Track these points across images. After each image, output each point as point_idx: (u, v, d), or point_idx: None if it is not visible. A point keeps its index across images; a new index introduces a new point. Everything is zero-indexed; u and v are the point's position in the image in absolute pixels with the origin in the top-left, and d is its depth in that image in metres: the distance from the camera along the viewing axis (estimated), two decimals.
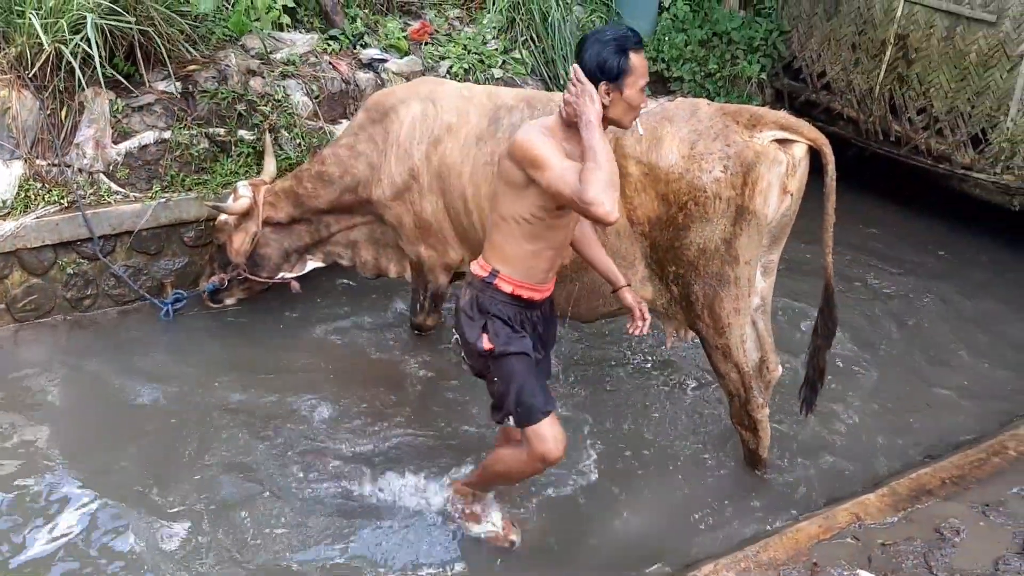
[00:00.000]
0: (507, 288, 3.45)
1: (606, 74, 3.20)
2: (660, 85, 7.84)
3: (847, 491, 4.30)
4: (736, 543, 3.89)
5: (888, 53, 7.45)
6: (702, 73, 7.89)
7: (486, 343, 3.47)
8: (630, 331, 3.73)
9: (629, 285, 3.81)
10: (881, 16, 7.48)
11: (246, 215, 5.18)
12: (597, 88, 3.20)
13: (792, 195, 3.88)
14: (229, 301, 5.47)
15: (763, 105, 7.53)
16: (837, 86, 7.93)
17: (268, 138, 5.64)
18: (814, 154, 3.94)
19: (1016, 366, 5.53)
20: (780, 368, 4.33)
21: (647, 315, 3.71)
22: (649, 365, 5.38)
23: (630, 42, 3.22)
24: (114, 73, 5.42)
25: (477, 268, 3.53)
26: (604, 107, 3.23)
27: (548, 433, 3.47)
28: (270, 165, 5.47)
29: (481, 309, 3.49)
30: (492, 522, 3.98)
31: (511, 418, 3.51)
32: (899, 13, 7.33)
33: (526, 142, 3.23)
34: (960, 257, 6.98)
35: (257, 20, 6.18)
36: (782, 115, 3.95)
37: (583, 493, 4.31)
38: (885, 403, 5.13)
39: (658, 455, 4.58)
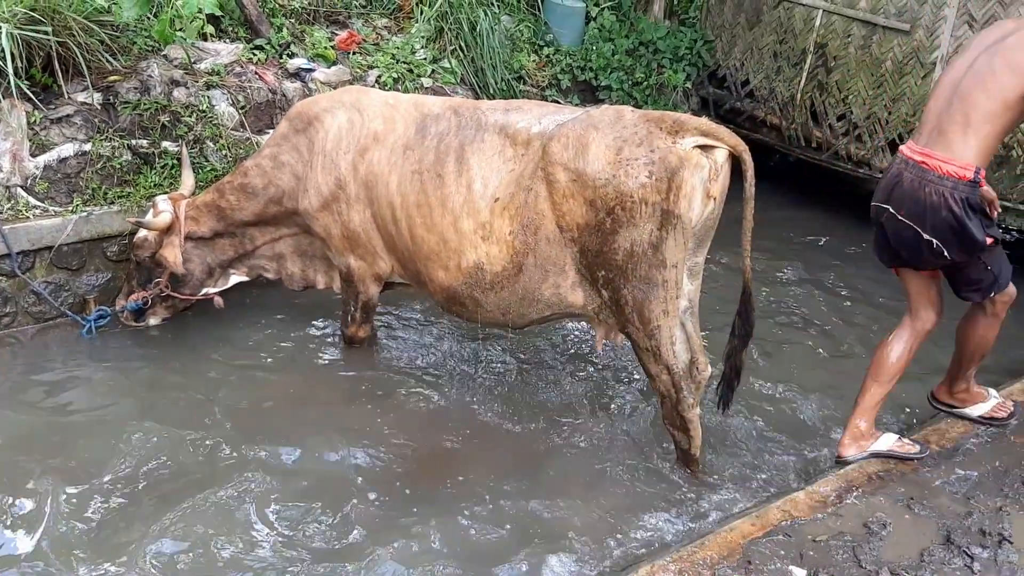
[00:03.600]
0: (982, 185, 3.85)
1: None
2: (589, 94, 7.93)
3: (777, 488, 4.39)
4: (672, 543, 3.93)
5: (808, 61, 7.65)
6: (629, 82, 8.00)
7: (988, 239, 3.93)
8: None
9: None
10: (801, 26, 7.67)
11: (168, 230, 5.07)
12: None
13: (715, 199, 3.94)
14: (152, 321, 5.32)
15: (689, 113, 7.67)
16: (760, 94, 8.10)
17: (186, 151, 5.55)
18: (735, 160, 4.01)
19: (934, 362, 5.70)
20: (710, 368, 4.39)
21: None
22: (580, 367, 5.42)
23: None
24: (29, 86, 5.28)
25: (953, 168, 3.81)
26: None
27: (1012, 287, 4.22)
28: (188, 179, 5.37)
29: (973, 207, 3.84)
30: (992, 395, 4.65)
31: (991, 294, 4.18)
32: (818, 23, 7.53)
33: None
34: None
35: (181, 30, 6.08)
36: (703, 121, 4.01)
37: (519, 496, 4.31)
38: (818, 401, 5.23)
39: (592, 458, 4.61)
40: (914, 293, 4.27)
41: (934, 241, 3.93)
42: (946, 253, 3.97)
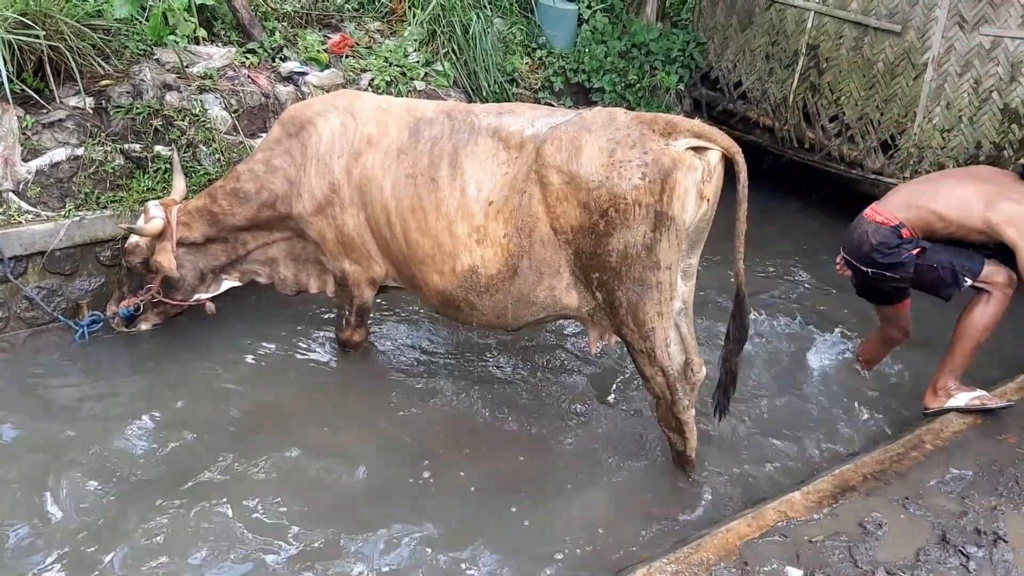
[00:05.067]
0: (905, 235, 4.55)
1: None
2: (582, 96, 7.93)
3: (774, 489, 4.39)
4: (668, 545, 3.93)
5: (800, 63, 7.66)
6: (622, 84, 8.01)
7: (912, 252, 4.51)
8: None
9: None
10: (793, 27, 7.69)
11: (160, 236, 5.05)
12: None
13: (708, 200, 3.94)
14: (144, 326, 5.30)
15: (682, 115, 7.66)
16: (753, 95, 8.12)
17: (176, 156, 5.53)
18: (728, 162, 4.01)
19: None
20: (704, 369, 4.39)
21: None
22: (574, 369, 5.42)
23: None
24: (23, 88, 5.27)
25: (881, 217, 4.57)
26: None
27: (991, 265, 4.49)
28: (179, 184, 5.35)
29: (888, 246, 4.53)
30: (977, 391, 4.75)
31: (967, 280, 4.52)
32: (810, 24, 7.55)
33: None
34: None
35: (172, 34, 6.07)
36: (696, 123, 4.01)
37: (514, 501, 4.30)
38: (813, 401, 5.24)
39: (588, 459, 4.61)
40: (882, 318, 5.14)
41: (869, 270, 4.67)
42: (887, 273, 4.63)
